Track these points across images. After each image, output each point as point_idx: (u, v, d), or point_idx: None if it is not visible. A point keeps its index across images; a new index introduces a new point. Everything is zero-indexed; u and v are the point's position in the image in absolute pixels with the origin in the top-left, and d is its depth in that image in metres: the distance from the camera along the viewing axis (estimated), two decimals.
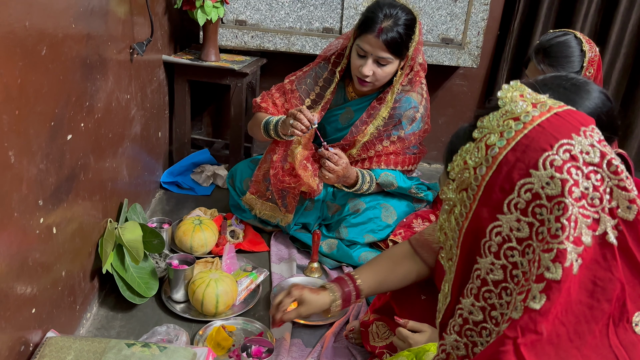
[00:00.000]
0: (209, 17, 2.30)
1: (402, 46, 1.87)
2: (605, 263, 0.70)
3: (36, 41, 1.18)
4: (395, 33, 1.84)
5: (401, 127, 2.01)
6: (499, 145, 0.72)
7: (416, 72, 2.00)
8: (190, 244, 1.96)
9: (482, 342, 0.78)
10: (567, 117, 0.72)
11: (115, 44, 1.72)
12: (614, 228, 0.70)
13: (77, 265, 1.53)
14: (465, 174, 0.75)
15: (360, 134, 2.02)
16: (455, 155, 0.77)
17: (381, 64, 1.89)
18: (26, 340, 1.27)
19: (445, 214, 0.81)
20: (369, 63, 1.88)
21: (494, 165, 0.72)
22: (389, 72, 1.92)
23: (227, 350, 1.56)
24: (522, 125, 0.72)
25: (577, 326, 0.70)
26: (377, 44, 1.85)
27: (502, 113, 0.74)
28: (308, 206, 2.12)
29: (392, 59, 1.88)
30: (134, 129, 1.98)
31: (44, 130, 1.25)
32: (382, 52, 1.86)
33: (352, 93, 2.08)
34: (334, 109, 2.10)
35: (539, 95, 0.75)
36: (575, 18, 2.74)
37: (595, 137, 0.71)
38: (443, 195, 0.80)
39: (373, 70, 1.89)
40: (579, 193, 0.69)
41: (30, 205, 1.22)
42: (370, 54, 1.87)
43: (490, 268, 0.74)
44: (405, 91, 2.01)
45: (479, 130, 0.76)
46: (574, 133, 0.70)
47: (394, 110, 2.01)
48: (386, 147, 2.03)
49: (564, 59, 1.69)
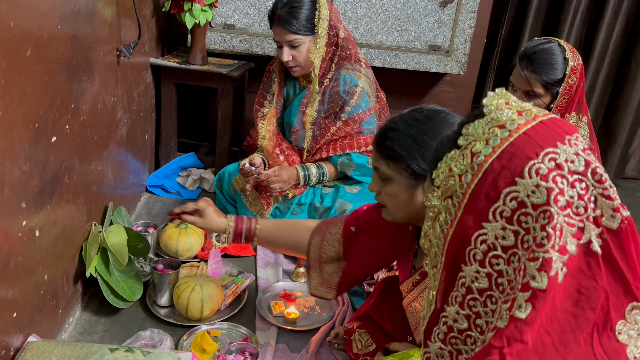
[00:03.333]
0: (197, 21, 2.30)
1: (304, 22, 1.99)
2: (589, 272, 0.70)
3: (21, 42, 1.17)
4: (293, 17, 1.98)
5: (347, 106, 2.08)
6: (484, 153, 0.72)
7: (343, 48, 2.08)
8: (175, 248, 1.95)
9: (467, 350, 0.78)
10: (552, 126, 0.72)
11: (102, 46, 1.71)
12: (598, 237, 0.71)
13: (60, 269, 1.51)
14: (451, 181, 0.75)
15: (305, 116, 2.14)
16: (440, 162, 0.77)
17: (294, 47, 2.02)
18: (7, 345, 1.25)
19: (430, 221, 0.80)
20: (284, 50, 2.03)
21: (479, 172, 0.72)
22: (304, 50, 2.03)
23: (211, 355, 1.54)
24: (508, 133, 0.72)
25: (562, 335, 0.70)
26: (280, 30, 2.00)
27: (487, 120, 0.74)
28: (295, 210, 2.12)
29: (300, 39, 2.01)
30: (119, 131, 1.97)
31: (27, 132, 1.24)
32: (287, 35, 2.00)
33: (303, 82, 2.20)
34: (293, 101, 2.21)
35: (524, 103, 0.75)
36: (561, 27, 2.78)
37: (579, 146, 0.71)
38: (428, 202, 0.79)
39: (291, 54, 2.03)
40: (564, 202, 0.69)
41: (13, 207, 1.20)
42: (282, 42, 2.02)
43: (475, 276, 0.74)
44: (340, 69, 2.10)
45: (464, 137, 0.75)
46: (559, 141, 0.70)
47: (334, 89, 2.09)
48: (335, 132, 2.10)
49: (547, 66, 1.72)
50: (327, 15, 2.01)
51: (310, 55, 2.03)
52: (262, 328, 1.70)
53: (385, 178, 1.21)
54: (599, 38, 2.81)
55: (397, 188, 1.19)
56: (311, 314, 1.78)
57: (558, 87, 1.72)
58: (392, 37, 2.61)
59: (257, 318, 1.74)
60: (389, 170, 1.19)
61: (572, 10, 2.75)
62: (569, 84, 1.71)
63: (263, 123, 2.15)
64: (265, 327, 1.71)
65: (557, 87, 1.72)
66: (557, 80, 1.72)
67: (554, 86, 1.73)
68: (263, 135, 2.13)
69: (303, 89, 2.19)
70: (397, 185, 1.19)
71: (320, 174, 2.12)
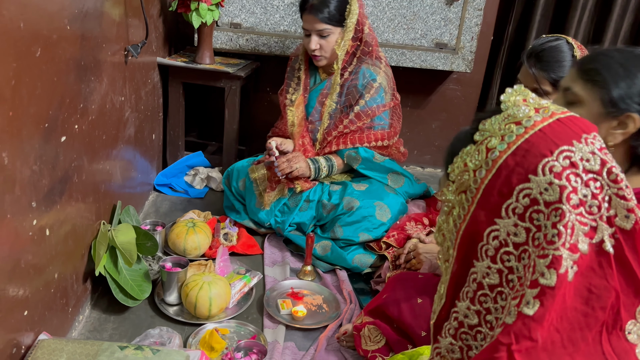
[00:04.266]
0: (204, 20, 2.30)
1: (336, 14, 2.04)
2: (601, 271, 0.70)
3: (30, 42, 1.18)
4: (325, 6, 2.03)
5: (362, 99, 2.11)
6: (499, 149, 0.72)
7: (366, 44, 2.13)
8: (183, 247, 1.96)
9: (477, 345, 0.78)
10: (569, 124, 0.72)
11: (110, 46, 1.72)
12: (611, 236, 0.70)
13: (70, 268, 1.52)
14: (465, 176, 0.75)
15: (325, 107, 2.16)
16: (456, 157, 0.77)
17: (323, 36, 2.07)
18: (18, 343, 1.26)
19: (444, 215, 0.80)
20: (313, 38, 2.08)
21: (493, 168, 0.72)
22: (332, 41, 2.08)
23: (220, 353, 1.55)
24: (524, 130, 0.72)
25: (571, 333, 0.70)
26: (311, 19, 2.05)
27: (504, 117, 0.74)
28: (303, 206, 2.13)
29: (330, 29, 2.06)
30: (127, 131, 1.98)
31: (37, 132, 1.25)
32: (318, 24, 2.04)
33: (323, 74, 2.25)
34: (311, 92, 2.25)
35: (542, 101, 0.75)
36: (569, 25, 2.76)
37: (596, 145, 0.71)
38: (442, 196, 0.80)
39: (319, 43, 2.08)
40: (577, 200, 0.69)
41: (23, 206, 1.21)
42: (311, 31, 2.07)
43: (487, 272, 0.74)
44: (361, 63, 2.13)
45: (480, 132, 0.75)
46: (575, 140, 0.70)
47: (352, 82, 2.12)
48: (346, 125, 2.13)
49: (556, 64, 1.70)
50: (356, 10, 2.07)
51: (336, 47, 2.08)
52: (270, 326, 1.71)
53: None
54: (607, 35, 2.80)
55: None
56: (319, 312, 1.79)
57: None
58: (398, 35, 2.61)
59: (265, 316, 1.75)
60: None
61: (580, 7, 2.73)
62: None
63: (292, 110, 2.19)
64: (273, 325, 1.71)
65: None
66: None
67: None
68: (292, 122, 2.17)
69: (322, 81, 2.23)
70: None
71: (330, 167, 2.15)
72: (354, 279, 1.98)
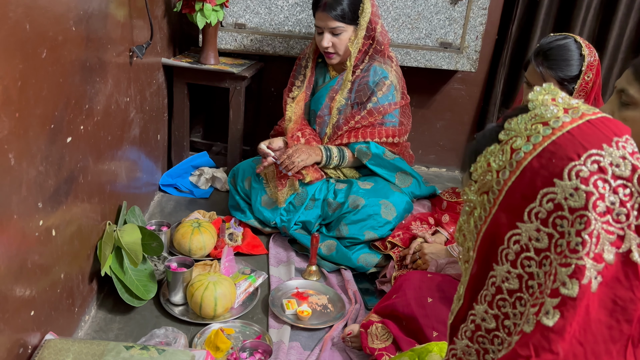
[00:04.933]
0: (209, 21, 2.31)
1: (349, 13, 2.06)
2: (627, 282, 0.67)
3: (36, 44, 1.18)
4: (338, 3, 2.05)
5: (374, 96, 2.13)
6: (524, 150, 0.69)
7: (378, 42, 2.15)
8: (188, 247, 1.96)
9: (494, 349, 0.76)
10: (600, 126, 0.68)
11: (115, 47, 1.72)
12: (639, 246, 0.67)
13: (76, 268, 1.53)
14: (488, 176, 0.73)
15: (334, 101, 2.18)
16: (480, 156, 0.74)
17: (336, 34, 2.08)
18: (25, 343, 1.27)
19: (466, 215, 0.78)
20: (325, 36, 2.09)
21: (517, 170, 0.69)
22: (345, 39, 2.10)
23: (225, 353, 1.56)
24: (551, 131, 0.68)
25: (594, 346, 0.67)
26: (325, 16, 2.06)
27: (531, 116, 0.71)
28: (309, 205, 2.13)
29: (343, 27, 2.07)
30: (133, 131, 1.99)
31: (43, 133, 1.26)
32: (331, 22, 2.06)
33: (333, 72, 2.26)
34: (321, 89, 2.26)
35: (572, 100, 0.72)
36: (574, 23, 2.75)
37: (628, 149, 0.67)
38: (464, 195, 0.77)
39: (331, 41, 2.09)
40: (604, 207, 0.65)
41: (30, 207, 1.22)
42: (324, 28, 2.08)
43: (506, 276, 0.72)
44: (372, 61, 2.16)
45: (505, 132, 0.72)
46: (605, 143, 0.67)
47: (363, 79, 2.14)
48: (358, 120, 2.15)
49: (563, 62, 1.70)
50: (369, 9, 2.09)
51: (349, 45, 2.10)
52: (275, 326, 1.71)
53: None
54: (612, 34, 2.78)
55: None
56: (324, 312, 1.79)
57: (574, 83, 1.70)
58: (402, 34, 2.61)
59: (270, 316, 1.75)
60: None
61: (585, 6, 2.72)
62: (585, 81, 1.70)
63: (291, 105, 2.21)
64: (278, 325, 1.72)
65: (573, 83, 1.71)
66: (573, 76, 1.70)
67: (569, 83, 1.71)
68: (289, 117, 2.19)
69: (332, 78, 2.25)
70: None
71: (341, 156, 2.16)
72: (359, 278, 1.98)
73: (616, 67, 2.88)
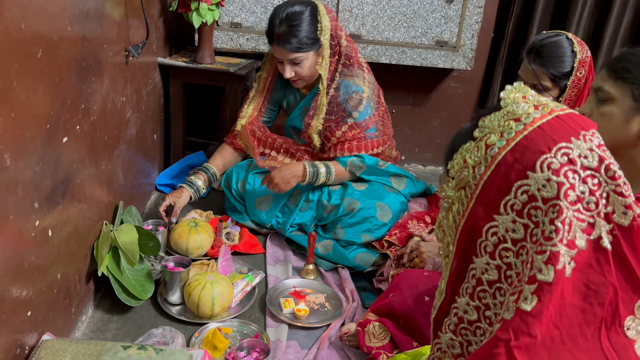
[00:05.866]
0: (204, 20, 2.31)
1: (307, 41, 1.94)
2: (598, 267, 0.70)
3: (32, 44, 1.18)
4: (293, 35, 1.92)
5: (352, 114, 2.05)
6: (498, 145, 0.73)
7: (347, 57, 2.05)
8: (185, 246, 1.96)
9: (477, 341, 0.79)
10: (568, 121, 0.72)
11: (111, 47, 1.72)
12: (608, 233, 0.71)
13: (73, 268, 1.53)
14: (464, 172, 0.76)
15: (310, 127, 2.08)
16: (456, 154, 0.78)
17: (296, 63, 1.98)
18: (22, 343, 1.26)
19: (444, 211, 0.81)
20: (286, 67, 2.00)
21: (492, 165, 0.73)
22: (308, 66, 2.00)
23: (223, 352, 1.56)
24: (523, 127, 0.72)
25: (569, 329, 0.70)
26: (281, 51, 1.96)
27: (503, 113, 0.75)
28: (303, 207, 2.12)
29: (302, 56, 1.97)
30: (129, 131, 1.98)
31: (39, 133, 1.25)
32: (289, 54, 1.95)
33: (303, 89, 2.18)
34: (294, 109, 2.21)
35: (542, 98, 0.76)
36: (570, 21, 2.76)
37: (595, 141, 0.71)
38: (442, 192, 0.80)
39: (293, 70, 2.00)
40: (575, 197, 0.69)
41: (26, 208, 1.22)
42: (283, 59, 1.98)
43: (486, 268, 0.75)
44: (344, 77, 2.06)
45: (479, 129, 0.76)
46: (574, 136, 0.71)
47: (336, 99, 2.05)
48: (345, 132, 2.07)
49: (555, 59, 1.71)
50: (328, 25, 1.97)
51: (318, 68, 2.00)
52: (273, 325, 1.71)
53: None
54: (607, 31, 2.79)
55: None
56: (321, 311, 1.79)
57: (566, 80, 1.71)
58: (398, 33, 2.61)
59: (268, 315, 1.75)
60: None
61: (580, 3, 2.73)
62: (578, 77, 1.71)
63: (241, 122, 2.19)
64: (276, 324, 1.72)
65: (566, 80, 1.72)
66: (565, 73, 1.71)
67: (562, 79, 1.72)
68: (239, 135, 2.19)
69: (304, 95, 2.18)
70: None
71: (327, 173, 2.07)
72: (356, 277, 1.98)
73: None
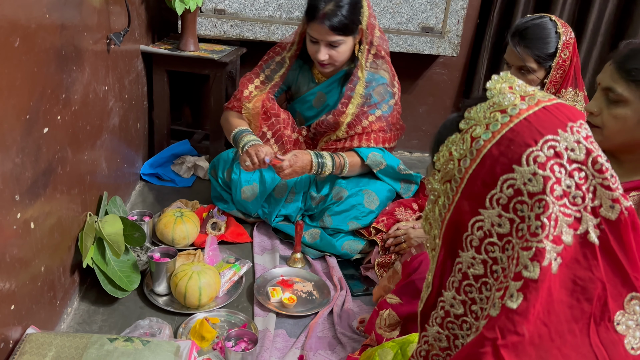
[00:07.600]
0: (187, 6, 2.27)
1: (350, 25, 1.91)
2: (585, 262, 0.69)
3: (8, 33, 1.15)
4: (340, 16, 1.87)
5: (377, 105, 2.03)
6: (484, 138, 0.71)
7: (377, 46, 2.03)
8: (171, 237, 1.95)
9: (463, 334, 0.78)
10: (555, 112, 0.70)
11: (91, 35, 1.68)
12: (595, 227, 0.69)
13: (57, 260, 1.51)
14: (450, 165, 0.75)
15: (343, 115, 2.02)
16: (442, 146, 0.76)
17: (334, 46, 1.93)
18: (6, 337, 1.25)
19: (431, 204, 0.80)
20: (322, 48, 1.93)
21: (477, 158, 0.71)
22: (344, 51, 1.95)
23: (210, 342, 1.55)
24: (509, 119, 0.70)
25: (558, 326, 0.69)
26: (324, 30, 1.88)
27: (489, 105, 0.73)
28: (289, 198, 2.11)
29: (343, 40, 1.92)
30: (112, 120, 1.95)
31: (18, 124, 1.23)
32: (331, 36, 1.90)
33: (319, 75, 2.12)
34: (305, 94, 2.15)
35: (529, 88, 0.74)
36: (554, 6, 2.76)
37: (582, 133, 0.70)
38: (429, 185, 0.79)
39: (328, 54, 1.94)
40: (561, 191, 0.68)
41: (6, 200, 1.19)
42: (321, 40, 1.92)
43: (472, 262, 0.74)
44: (374, 69, 2.04)
45: (465, 121, 0.74)
46: (560, 129, 0.69)
47: (368, 89, 2.03)
48: (372, 122, 2.03)
49: (540, 41, 1.72)
50: (367, 13, 1.96)
51: (358, 55, 1.97)
52: (261, 314, 1.71)
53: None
54: (591, 17, 2.80)
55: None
56: (309, 299, 1.79)
57: (551, 61, 1.72)
58: (384, 19, 2.59)
59: (255, 304, 1.75)
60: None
61: None
62: (562, 58, 1.72)
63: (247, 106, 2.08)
64: (264, 313, 1.72)
65: (550, 61, 1.73)
66: (550, 54, 1.72)
67: (546, 60, 1.73)
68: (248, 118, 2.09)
69: (320, 82, 2.12)
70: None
71: (334, 165, 1.98)
72: (343, 265, 1.98)
73: (595, 50, 2.90)
